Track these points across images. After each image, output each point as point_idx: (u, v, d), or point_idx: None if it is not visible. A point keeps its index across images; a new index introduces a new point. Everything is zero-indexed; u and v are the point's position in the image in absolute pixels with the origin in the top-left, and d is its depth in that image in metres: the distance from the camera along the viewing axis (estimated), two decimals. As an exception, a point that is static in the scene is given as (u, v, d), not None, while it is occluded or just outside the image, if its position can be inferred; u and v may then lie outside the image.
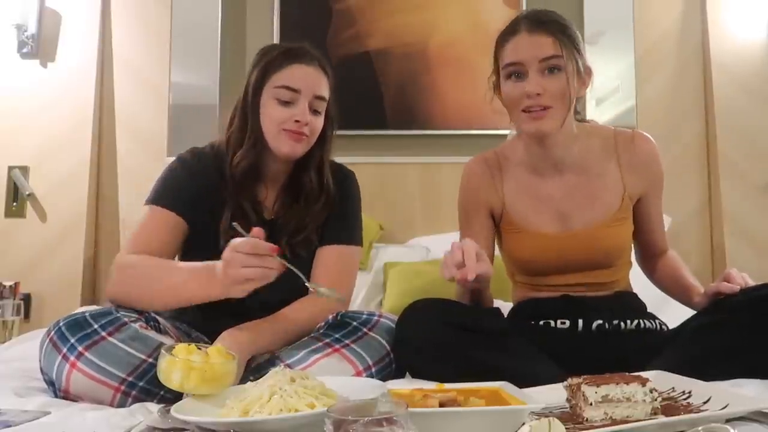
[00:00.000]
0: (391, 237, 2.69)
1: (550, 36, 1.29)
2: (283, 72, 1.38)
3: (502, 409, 0.85)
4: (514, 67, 1.31)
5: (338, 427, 0.65)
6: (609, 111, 2.82)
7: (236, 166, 1.39)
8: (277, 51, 1.41)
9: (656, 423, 0.84)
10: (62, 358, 1.11)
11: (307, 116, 1.36)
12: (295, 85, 1.36)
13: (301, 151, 1.40)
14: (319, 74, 1.40)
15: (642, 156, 1.40)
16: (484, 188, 1.46)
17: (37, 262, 2.65)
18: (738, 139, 2.72)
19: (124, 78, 2.84)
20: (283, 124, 1.36)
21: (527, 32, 1.31)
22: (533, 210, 1.41)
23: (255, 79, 1.40)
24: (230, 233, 1.31)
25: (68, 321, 1.15)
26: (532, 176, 1.43)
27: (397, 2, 2.82)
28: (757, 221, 2.68)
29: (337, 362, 1.19)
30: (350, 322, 1.28)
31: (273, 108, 1.37)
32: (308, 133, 1.38)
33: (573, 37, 1.32)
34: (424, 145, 2.80)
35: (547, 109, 1.28)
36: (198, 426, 0.87)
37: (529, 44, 1.30)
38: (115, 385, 1.10)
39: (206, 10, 2.83)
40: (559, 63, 1.28)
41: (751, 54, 2.78)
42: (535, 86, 1.27)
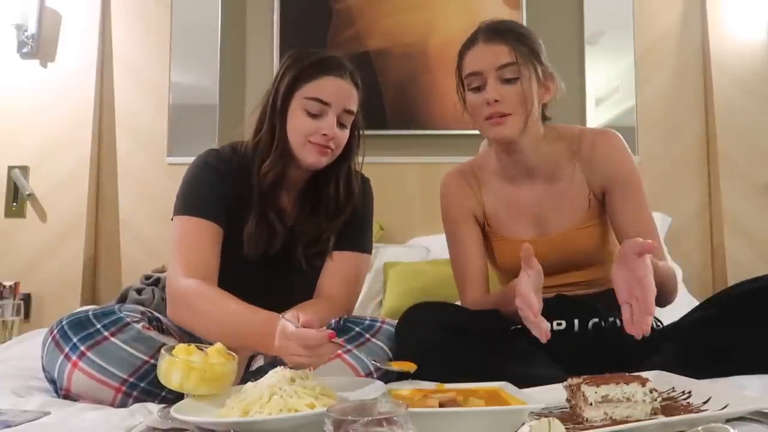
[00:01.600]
0: (391, 237, 2.69)
1: (506, 45, 1.32)
2: (315, 83, 1.34)
3: (501, 409, 0.85)
4: (473, 77, 1.34)
5: (338, 427, 0.65)
6: (609, 111, 2.83)
7: (264, 176, 1.36)
8: (310, 60, 1.37)
9: (656, 423, 0.84)
10: (64, 358, 1.11)
11: (335, 130, 1.34)
12: (326, 98, 1.33)
13: (325, 162, 1.37)
14: (350, 87, 1.38)
15: (599, 152, 1.38)
16: (466, 198, 1.48)
17: (37, 262, 2.65)
18: (738, 139, 2.73)
19: (124, 78, 2.84)
20: (310, 136, 1.33)
21: (484, 42, 1.34)
22: (510, 217, 1.43)
23: (285, 86, 1.36)
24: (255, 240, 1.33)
25: (71, 320, 1.15)
26: (506, 184, 1.45)
27: (396, 2, 2.82)
28: (757, 221, 2.68)
29: (338, 367, 1.19)
30: (353, 327, 1.28)
31: (301, 119, 1.34)
32: (334, 147, 1.36)
33: (531, 46, 1.34)
34: (424, 145, 2.80)
35: (506, 116, 1.31)
36: (198, 426, 0.87)
37: (485, 53, 1.32)
38: (116, 385, 1.10)
39: (206, 10, 2.83)
40: (515, 70, 1.30)
41: (751, 54, 2.78)
42: (493, 93, 1.30)
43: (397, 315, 2.15)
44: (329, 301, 1.37)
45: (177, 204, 1.35)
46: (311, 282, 1.42)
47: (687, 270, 2.49)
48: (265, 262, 1.36)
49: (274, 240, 1.36)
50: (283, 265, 1.40)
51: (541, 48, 1.37)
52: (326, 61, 1.38)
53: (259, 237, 1.34)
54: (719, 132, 2.73)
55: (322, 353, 1.05)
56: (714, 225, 2.76)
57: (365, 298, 2.37)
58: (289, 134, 1.36)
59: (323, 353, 1.06)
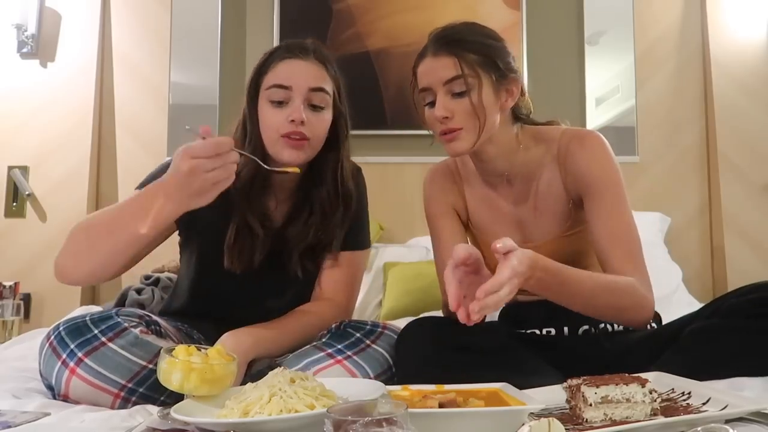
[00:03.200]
0: (391, 237, 2.69)
1: (452, 56, 1.25)
2: (274, 70, 1.29)
3: (501, 409, 0.85)
4: (424, 92, 1.29)
5: (338, 428, 0.65)
6: (609, 111, 2.83)
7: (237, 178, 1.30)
8: (269, 51, 1.33)
9: (656, 424, 0.84)
10: (62, 364, 1.09)
11: (302, 113, 1.25)
12: (285, 81, 1.27)
13: (303, 157, 1.29)
14: (313, 66, 1.30)
15: (574, 156, 1.30)
16: (447, 191, 1.43)
17: (37, 262, 2.65)
18: (738, 139, 2.73)
19: (124, 78, 2.84)
20: (281, 129, 1.26)
21: (431, 55, 1.28)
22: (492, 221, 1.39)
23: (249, 84, 1.32)
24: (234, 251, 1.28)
25: (68, 326, 1.13)
26: (486, 188, 1.40)
27: (397, 2, 2.82)
28: (757, 221, 2.69)
29: (338, 374, 1.16)
30: (353, 333, 1.25)
31: (268, 112, 1.28)
32: (309, 135, 1.27)
33: (484, 51, 1.26)
34: (424, 145, 2.77)
35: (457, 131, 1.25)
36: (198, 427, 0.87)
37: (432, 68, 1.26)
38: (114, 391, 1.09)
39: (206, 10, 2.83)
40: (461, 84, 1.24)
41: (751, 54, 2.78)
42: (442, 110, 1.25)
43: (396, 315, 2.17)
44: (330, 303, 1.36)
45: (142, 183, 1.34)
46: (308, 287, 1.39)
47: (687, 270, 2.49)
48: (257, 272, 1.33)
49: (255, 247, 1.30)
50: (278, 274, 1.36)
51: (497, 49, 1.28)
52: (284, 45, 1.33)
53: (240, 246, 1.29)
54: (719, 132, 2.73)
55: (233, 159, 1.03)
56: (714, 225, 2.76)
57: (365, 299, 2.37)
58: (263, 133, 1.30)
59: (234, 159, 1.04)
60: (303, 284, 1.39)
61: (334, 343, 1.21)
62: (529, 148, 1.34)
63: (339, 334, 1.24)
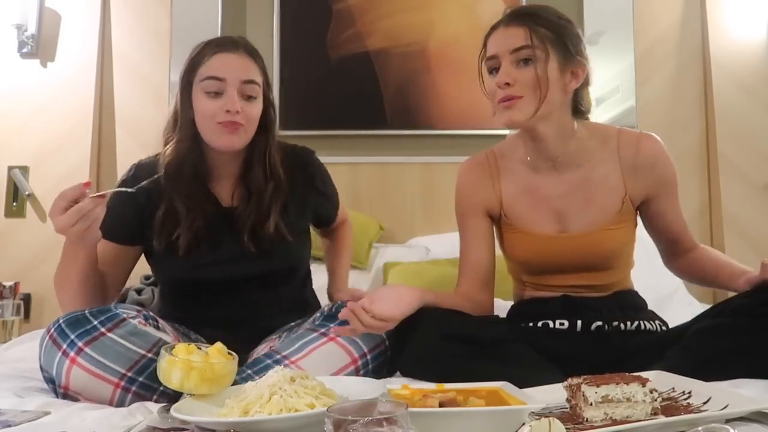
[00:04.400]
0: (391, 237, 2.69)
1: (523, 27, 1.29)
2: (207, 64, 1.36)
3: (502, 409, 0.85)
4: (490, 61, 1.33)
5: (338, 427, 0.65)
6: (609, 111, 2.82)
7: (166, 162, 1.39)
8: (202, 45, 1.41)
9: (656, 423, 0.84)
10: (62, 354, 1.11)
11: (237, 104, 1.33)
12: (220, 73, 1.35)
13: (239, 142, 1.38)
14: (244, 59, 1.38)
15: (646, 158, 1.36)
16: (479, 190, 1.45)
17: (37, 262, 2.65)
18: (738, 139, 2.73)
19: (124, 78, 2.84)
20: (216, 117, 1.34)
21: (504, 26, 1.33)
22: (531, 209, 1.39)
23: (182, 76, 1.40)
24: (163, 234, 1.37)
25: (68, 318, 1.16)
26: (530, 174, 1.41)
27: (397, 2, 2.82)
28: (757, 222, 2.68)
29: (332, 350, 1.20)
30: None
31: (203, 102, 1.35)
32: (243, 122, 1.36)
33: (556, 29, 1.30)
34: (424, 145, 2.80)
35: (516, 99, 1.28)
36: (198, 426, 0.87)
37: (502, 36, 1.32)
38: (114, 380, 1.11)
39: (206, 10, 2.83)
40: (529, 53, 1.28)
41: (751, 54, 2.78)
42: (504, 76, 1.28)
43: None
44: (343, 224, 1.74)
45: None
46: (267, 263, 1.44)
47: (687, 270, 2.48)
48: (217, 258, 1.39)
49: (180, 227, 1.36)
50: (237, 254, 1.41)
51: (569, 31, 1.32)
52: (214, 40, 1.41)
53: (167, 228, 1.37)
54: (719, 132, 2.73)
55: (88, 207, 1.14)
56: (714, 225, 2.75)
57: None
58: (199, 123, 1.37)
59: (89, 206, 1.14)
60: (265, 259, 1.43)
61: (327, 323, 1.26)
62: (583, 139, 1.38)
63: (331, 315, 1.28)
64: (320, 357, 1.19)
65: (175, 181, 1.38)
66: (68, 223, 1.15)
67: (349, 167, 2.77)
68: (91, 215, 1.15)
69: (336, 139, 2.81)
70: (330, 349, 1.20)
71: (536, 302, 1.38)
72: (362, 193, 2.77)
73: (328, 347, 1.21)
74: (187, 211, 1.37)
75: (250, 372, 1.17)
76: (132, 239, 1.42)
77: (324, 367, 1.17)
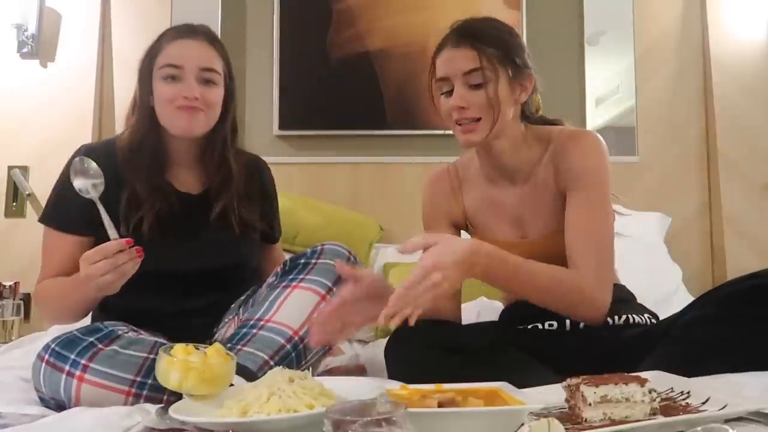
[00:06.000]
0: (391, 237, 2.68)
1: (472, 49, 1.29)
2: (166, 51, 1.38)
3: (501, 409, 0.85)
4: (442, 82, 1.33)
5: (337, 428, 0.65)
6: (609, 111, 2.82)
7: (122, 146, 1.39)
8: (162, 33, 1.43)
9: (655, 423, 0.84)
10: (67, 376, 1.10)
11: (195, 90, 1.35)
12: (177, 61, 1.36)
13: (198, 128, 1.38)
14: (203, 46, 1.39)
15: (566, 153, 1.33)
16: (444, 202, 1.48)
17: (37, 262, 2.60)
18: (738, 139, 2.72)
19: (124, 78, 2.84)
20: (174, 102, 1.35)
21: (452, 46, 1.32)
22: (492, 219, 1.43)
23: (141, 63, 1.41)
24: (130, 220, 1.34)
25: (59, 341, 1.14)
26: (488, 186, 1.44)
27: (397, 2, 2.82)
28: (757, 221, 2.68)
29: (300, 295, 1.25)
30: (298, 261, 1.33)
31: (162, 88, 1.36)
32: (203, 107, 1.36)
33: (502, 46, 1.31)
34: (424, 145, 2.80)
35: (476, 121, 1.30)
36: (196, 426, 0.87)
37: (452, 58, 1.31)
38: (125, 389, 1.10)
39: (206, 10, 2.83)
40: (479, 76, 1.28)
41: (751, 54, 2.78)
42: (459, 100, 1.29)
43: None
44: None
45: (43, 211, 1.42)
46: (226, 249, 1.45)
47: (687, 270, 2.48)
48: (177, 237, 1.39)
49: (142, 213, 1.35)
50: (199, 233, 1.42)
51: (514, 45, 1.33)
52: (173, 28, 1.43)
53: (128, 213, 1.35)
54: (719, 132, 2.73)
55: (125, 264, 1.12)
56: (714, 225, 2.75)
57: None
58: (158, 109, 1.38)
59: (125, 264, 1.13)
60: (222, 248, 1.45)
61: (285, 277, 1.30)
62: (531, 146, 1.39)
63: (285, 270, 1.33)
64: (291, 305, 1.24)
65: (133, 165, 1.38)
66: (99, 273, 1.13)
67: (349, 167, 2.77)
68: (123, 269, 1.14)
69: (336, 139, 2.81)
70: (297, 295, 1.25)
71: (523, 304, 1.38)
72: (362, 193, 2.77)
73: (295, 294, 1.26)
74: (148, 195, 1.36)
75: (231, 345, 1.20)
76: (88, 228, 1.35)
77: (297, 313, 1.23)
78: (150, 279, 1.30)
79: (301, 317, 1.23)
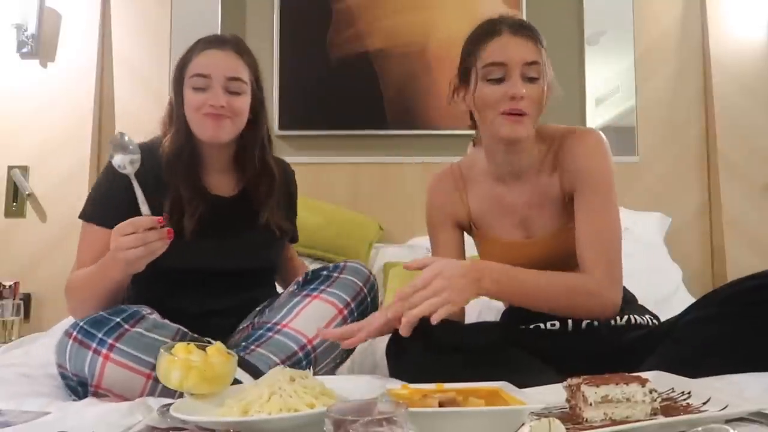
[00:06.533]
0: (391, 237, 2.69)
1: (533, 42, 1.28)
2: (195, 61, 1.43)
3: (501, 409, 0.85)
4: (495, 67, 1.27)
5: (338, 427, 0.65)
6: (609, 111, 2.83)
7: (165, 151, 1.43)
8: (191, 45, 1.47)
9: (656, 423, 0.84)
10: (93, 353, 1.13)
11: (221, 99, 1.39)
12: (204, 70, 1.40)
13: (225, 134, 1.42)
14: (230, 57, 1.43)
15: (570, 152, 1.33)
16: (448, 203, 1.47)
17: (37, 262, 2.65)
18: (738, 139, 2.72)
19: (124, 78, 2.84)
20: (201, 109, 1.39)
21: (511, 34, 1.28)
22: (497, 218, 1.42)
23: (175, 71, 1.46)
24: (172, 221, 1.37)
25: (88, 320, 1.18)
26: (495, 185, 1.42)
27: (396, 2, 2.82)
28: (758, 222, 2.68)
29: (318, 306, 1.30)
30: (320, 273, 1.39)
31: (191, 96, 1.41)
32: (229, 114, 1.41)
33: (545, 50, 1.31)
34: (424, 145, 2.80)
35: (524, 115, 1.27)
36: (197, 425, 0.87)
37: (513, 46, 1.27)
38: (146, 372, 1.14)
39: (206, 10, 2.83)
40: (538, 70, 1.28)
41: (751, 54, 2.78)
42: (520, 89, 1.25)
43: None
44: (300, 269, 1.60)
45: (83, 208, 1.43)
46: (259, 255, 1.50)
47: (687, 270, 2.48)
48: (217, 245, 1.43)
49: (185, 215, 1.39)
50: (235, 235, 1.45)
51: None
52: (203, 39, 1.47)
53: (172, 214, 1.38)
54: (719, 132, 2.73)
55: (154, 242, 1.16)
56: (714, 225, 2.75)
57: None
58: (188, 116, 1.42)
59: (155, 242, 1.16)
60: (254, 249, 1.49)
61: (306, 287, 1.36)
62: (538, 145, 1.39)
63: (308, 280, 1.39)
64: (309, 315, 1.29)
65: (175, 169, 1.42)
66: (128, 245, 1.16)
67: (349, 167, 2.77)
68: (152, 247, 1.17)
69: (336, 139, 2.81)
70: (316, 306, 1.30)
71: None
72: (362, 193, 2.77)
73: (314, 304, 1.31)
74: (191, 198, 1.41)
75: (245, 344, 1.24)
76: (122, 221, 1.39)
77: (313, 323, 1.28)
78: (179, 276, 1.37)
79: (316, 327, 1.26)
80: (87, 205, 1.43)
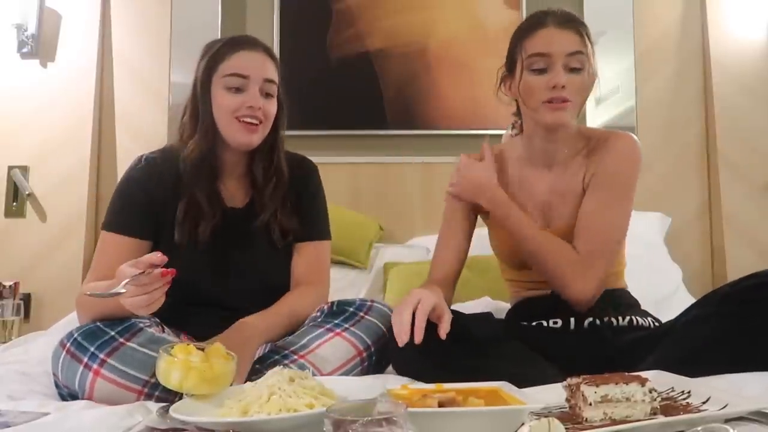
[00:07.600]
0: (391, 237, 2.68)
1: (577, 33, 1.33)
2: (230, 60, 1.38)
3: (501, 409, 0.85)
4: (538, 57, 1.33)
5: (337, 427, 0.65)
6: (609, 111, 2.82)
7: (189, 155, 1.39)
8: (221, 42, 1.43)
9: (655, 423, 0.84)
10: (84, 368, 1.11)
11: (260, 101, 1.37)
12: (244, 71, 1.37)
13: (257, 140, 1.39)
14: (264, 58, 1.41)
15: (602, 153, 1.39)
16: None
17: (37, 262, 2.65)
18: (738, 139, 2.72)
19: (124, 78, 2.84)
20: (237, 112, 1.36)
21: (555, 26, 1.33)
22: (521, 204, 1.43)
23: (202, 72, 1.40)
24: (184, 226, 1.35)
25: (83, 331, 1.16)
26: (524, 167, 1.46)
27: (396, 2, 2.82)
28: (757, 222, 2.68)
29: (339, 344, 1.25)
30: (347, 309, 1.34)
31: (225, 97, 1.37)
32: (263, 119, 1.38)
33: (591, 40, 1.36)
34: (424, 145, 2.80)
35: (567, 102, 1.31)
36: (197, 426, 0.87)
37: (557, 37, 1.32)
38: (138, 388, 1.11)
39: (206, 10, 2.83)
40: (582, 60, 1.32)
41: (751, 54, 2.77)
42: (563, 78, 1.30)
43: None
44: (310, 287, 1.44)
45: (105, 218, 1.41)
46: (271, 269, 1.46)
47: (687, 270, 2.48)
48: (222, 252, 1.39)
49: (201, 222, 1.37)
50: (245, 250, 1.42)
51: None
52: (236, 38, 1.44)
53: (189, 222, 1.36)
54: (719, 132, 2.73)
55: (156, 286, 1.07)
56: (714, 225, 2.75)
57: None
58: (216, 115, 1.38)
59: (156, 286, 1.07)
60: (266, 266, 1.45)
61: (331, 320, 1.31)
62: (575, 139, 1.42)
63: (333, 312, 1.35)
64: (327, 351, 1.24)
65: (196, 175, 1.39)
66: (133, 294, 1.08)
67: (349, 167, 2.77)
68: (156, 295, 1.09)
69: (336, 139, 2.81)
70: (336, 343, 1.25)
71: (528, 302, 1.40)
72: (362, 193, 2.77)
73: (335, 341, 1.26)
74: (208, 205, 1.38)
75: (258, 366, 1.20)
76: (146, 233, 1.38)
77: (331, 360, 1.23)
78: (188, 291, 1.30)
79: (332, 365, 1.23)
80: (109, 216, 1.40)
